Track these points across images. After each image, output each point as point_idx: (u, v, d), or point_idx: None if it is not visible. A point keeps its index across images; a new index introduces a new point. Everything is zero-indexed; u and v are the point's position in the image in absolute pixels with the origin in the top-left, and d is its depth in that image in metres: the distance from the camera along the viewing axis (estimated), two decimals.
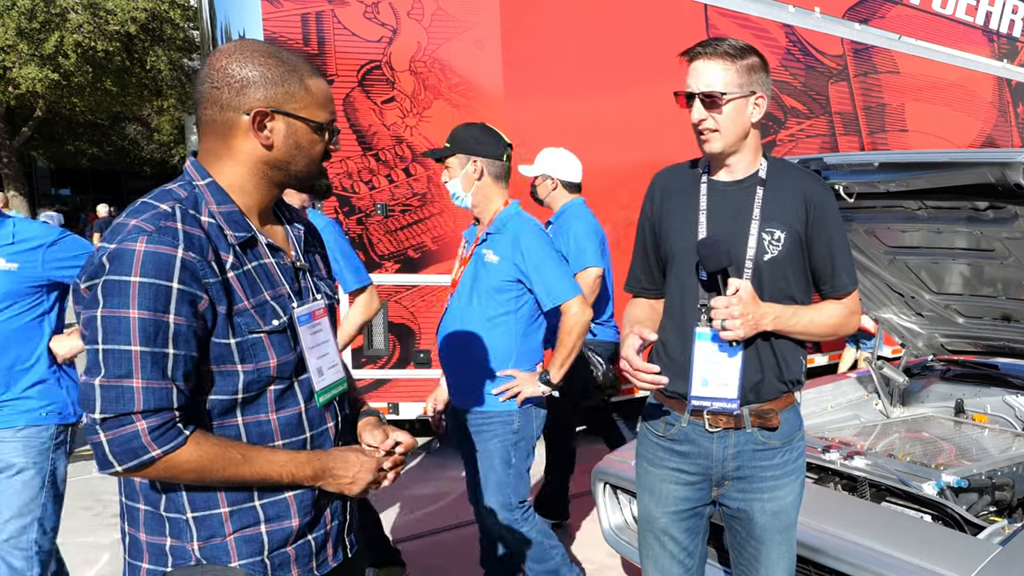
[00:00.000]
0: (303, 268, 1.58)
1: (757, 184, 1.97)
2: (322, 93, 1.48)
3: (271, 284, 1.47)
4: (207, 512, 1.42)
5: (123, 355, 1.29)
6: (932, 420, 3.62)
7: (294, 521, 1.48)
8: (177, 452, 1.33)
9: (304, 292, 1.55)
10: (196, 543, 1.42)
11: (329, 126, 1.50)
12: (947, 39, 8.21)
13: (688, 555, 2.09)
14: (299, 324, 1.49)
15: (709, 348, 1.97)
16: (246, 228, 1.45)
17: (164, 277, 1.30)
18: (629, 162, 5.86)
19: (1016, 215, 2.71)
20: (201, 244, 1.36)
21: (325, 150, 1.51)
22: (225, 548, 1.43)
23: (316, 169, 1.51)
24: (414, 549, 3.99)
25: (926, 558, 2.22)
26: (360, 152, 5.36)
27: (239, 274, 1.42)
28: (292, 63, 1.45)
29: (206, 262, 1.35)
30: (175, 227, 1.34)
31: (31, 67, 15.40)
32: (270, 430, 1.46)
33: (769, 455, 2.00)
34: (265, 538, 1.45)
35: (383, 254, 5.45)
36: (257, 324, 1.42)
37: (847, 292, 2.02)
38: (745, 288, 1.88)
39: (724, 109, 1.89)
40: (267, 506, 1.45)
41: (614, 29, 5.80)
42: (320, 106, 1.47)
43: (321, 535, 1.54)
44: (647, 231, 2.13)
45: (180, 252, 1.32)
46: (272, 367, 1.43)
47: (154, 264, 1.30)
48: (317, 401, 1.52)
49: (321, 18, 5.23)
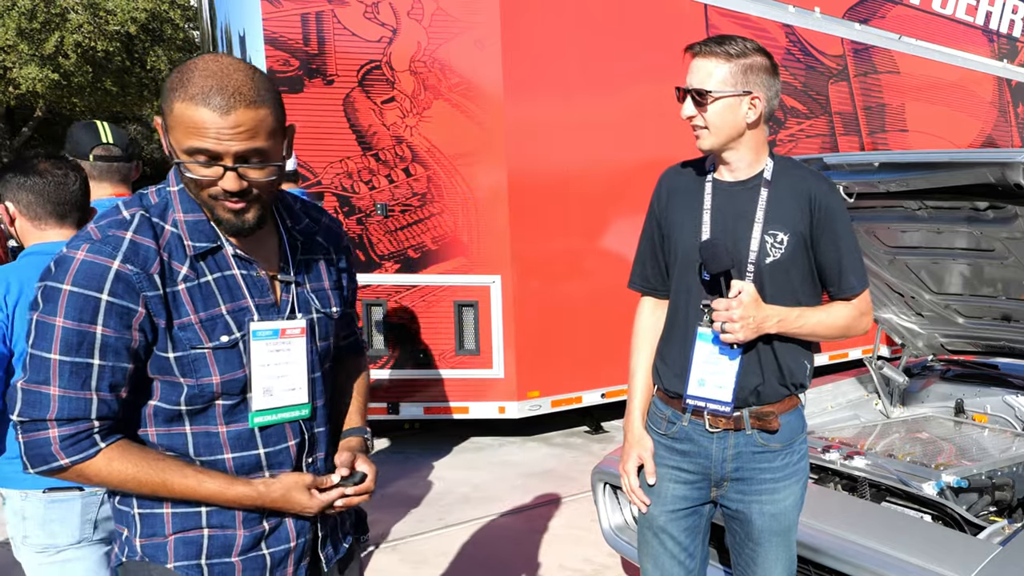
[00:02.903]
0: (288, 281, 1.50)
1: (761, 185, 1.96)
2: (187, 119, 1.28)
3: (232, 297, 1.41)
4: (151, 510, 1.40)
5: (44, 362, 1.29)
6: (932, 420, 3.62)
7: (239, 531, 1.43)
8: (87, 464, 1.32)
9: (283, 306, 1.48)
10: (139, 539, 1.41)
11: (194, 157, 1.31)
12: (947, 39, 8.21)
13: (688, 556, 2.09)
14: (253, 340, 1.42)
15: (709, 349, 1.96)
16: (211, 238, 1.39)
17: (94, 288, 1.29)
18: (629, 162, 5.87)
19: (1016, 215, 2.71)
20: (146, 255, 1.33)
21: (211, 184, 1.33)
22: (164, 548, 1.40)
23: (204, 197, 1.35)
24: (414, 549, 3.99)
25: (926, 558, 2.22)
26: (360, 152, 5.36)
27: (192, 287, 1.37)
28: (184, 81, 1.29)
29: (146, 274, 1.32)
30: (122, 236, 1.32)
31: (31, 67, 15.39)
32: (219, 443, 1.41)
33: (769, 457, 2.00)
34: (205, 542, 1.41)
35: (383, 254, 5.45)
36: (200, 340, 1.37)
37: (856, 293, 2.00)
38: (747, 291, 1.87)
39: (711, 107, 1.88)
40: (212, 513, 1.41)
41: (614, 29, 5.80)
42: (180, 133, 1.30)
43: (281, 551, 1.47)
44: (654, 228, 2.12)
45: (116, 264, 1.30)
46: (215, 384, 1.38)
47: (86, 274, 1.28)
48: (250, 422, 1.43)
49: (321, 18, 5.24)
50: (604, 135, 5.78)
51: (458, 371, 5.54)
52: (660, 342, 2.11)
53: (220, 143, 1.29)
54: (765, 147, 2.00)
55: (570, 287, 5.73)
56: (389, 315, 5.49)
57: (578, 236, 5.78)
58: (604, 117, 5.77)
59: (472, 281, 5.47)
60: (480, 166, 5.43)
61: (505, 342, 5.49)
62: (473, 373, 5.53)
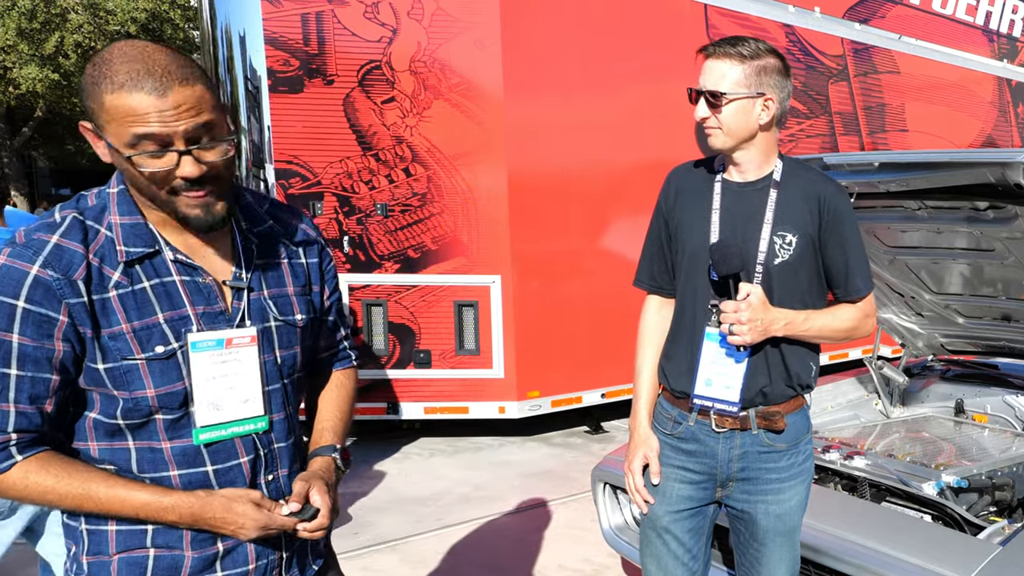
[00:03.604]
0: (238, 287, 1.39)
1: (771, 187, 1.97)
2: (123, 108, 1.20)
3: (171, 305, 1.32)
4: (97, 527, 1.33)
5: None
6: (932, 420, 3.62)
7: (187, 552, 1.34)
8: (2, 477, 1.25)
9: (234, 314, 1.38)
10: (86, 557, 1.34)
11: (143, 146, 1.23)
12: (947, 39, 8.21)
13: (692, 557, 2.09)
14: (193, 351, 1.32)
15: (716, 349, 1.96)
16: (148, 243, 1.31)
17: (9, 294, 1.21)
18: (629, 162, 5.87)
19: (1016, 215, 2.71)
20: (71, 261, 1.24)
21: (167, 175, 1.25)
22: (108, 568, 1.33)
23: (164, 194, 1.27)
24: (414, 549, 3.99)
25: (926, 558, 2.22)
26: (360, 152, 5.36)
27: (124, 294, 1.28)
28: (109, 72, 1.21)
29: (68, 280, 1.23)
30: (46, 240, 1.24)
31: (31, 67, 15.40)
32: (163, 459, 1.33)
33: (775, 458, 2.00)
34: (150, 563, 1.33)
35: (383, 254, 5.45)
36: (131, 350, 1.28)
37: (862, 296, 2.01)
38: (755, 294, 1.87)
39: (725, 109, 1.89)
40: (157, 532, 1.33)
41: (614, 29, 5.80)
42: (118, 125, 1.22)
43: (238, 574, 1.38)
44: (661, 227, 2.12)
45: (35, 269, 1.22)
46: (151, 397, 1.29)
47: (2, 280, 1.21)
48: (195, 439, 1.34)
49: (321, 18, 5.24)
50: (604, 135, 5.78)
51: (458, 371, 5.54)
52: (666, 342, 2.11)
53: (165, 124, 1.22)
54: (775, 149, 2.00)
55: (570, 287, 5.73)
56: (389, 315, 5.49)
57: (578, 236, 5.78)
58: (604, 117, 5.77)
59: (472, 281, 5.48)
60: (480, 166, 5.43)
61: (505, 342, 5.49)
62: (473, 373, 5.53)
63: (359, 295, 5.42)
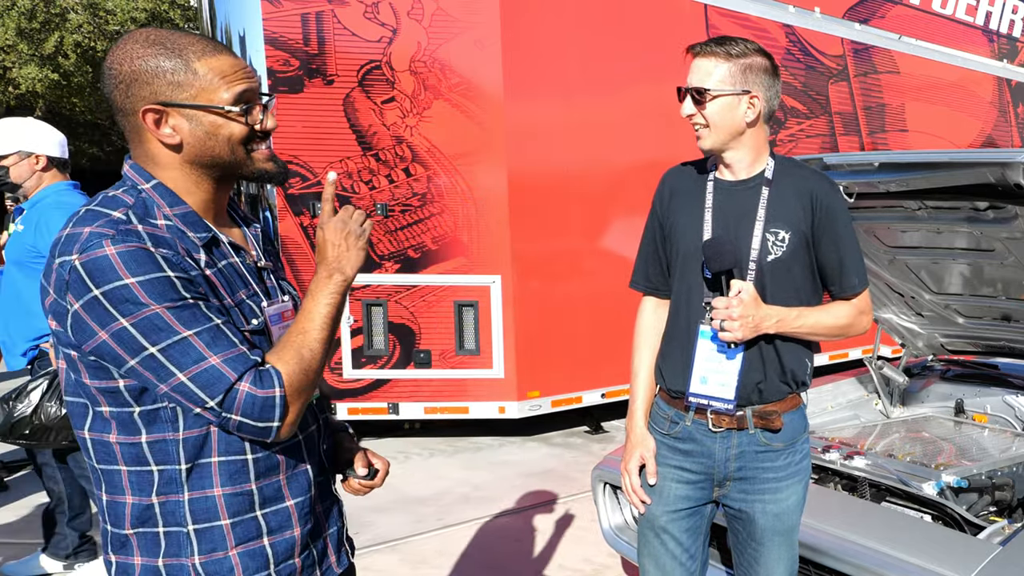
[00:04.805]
0: (267, 268, 1.49)
1: (763, 184, 1.98)
2: (217, 70, 1.30)
3: (243, 283, 1.39)
4: (208, 524, 1.32)
5: (182, 344, 1.21)
6: (932, 420, 3.62)
7: (296, 530, 1.41)
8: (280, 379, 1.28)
9: (272, 292, 1.47)
10: (197, 557, 1.32)
11: (243, 102, 1.32)
12: (947, 39, 8.21)
13: (689, 556, 2.09)
14: (272, 324, 1.40)
15: (710, 347, 1.97)
16: (206, 228, 1.35)
17: (156, 270, 1.21)
18: (629, 162, 5.87)
19: (1016, 215, 2.71)
20: (168, 242, 1.26)
21: (250, 130, 1.34)
22: (229, 564, 1.34)
23: (243, 153, 1.35)
24: (414, 549, 3.99)
25: (926, 558, 2.22)
26: (360, 152, 5.36)
27: (215, 272, 1.33)
28: (178, 47, 1.29)
29: (181, 256, 1.26)
30: (136, 229, 1.24)
31: (31, 67, 15.40)
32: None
33: (772, 457, 2.00)
34: (269, 551, 1.38)
35: (383, 254, 5.45)
36: (242, 323, 1.33)
37: (856, 293, 2.01)
38: (747, 291, 1.88)
39: (709, 105, 1.90)
40: (269, 516, 1.37)
41: (614, 29, 5.80)
42: (217, 87, 1.30)
43: (321, 544, 1.48)
44: (656, 228, 2.13)
45: (152, 248, 1.22)
46: None
47: (136, 262, 1.20)
48: None
49: (321, 18, 5.24)
50: (604, 135, 5.78)
51: (458, 371, 5.54)
52: (662, 342, 2.11)
53: (252, 80, 1.33)
54: (766, 147, 2.01)
55: (570, 287, 5.73)
56: (389, 315, 5.49)
57: (578, 236, 5.78)
58: (604, 117, 5.77)
59: (472, 281, 5.48)
60: (480, 166, 5.43)
61: (505, 342, 5.49)
62: (473, 373, 5.53)
63: (359, 295, 5.41)
